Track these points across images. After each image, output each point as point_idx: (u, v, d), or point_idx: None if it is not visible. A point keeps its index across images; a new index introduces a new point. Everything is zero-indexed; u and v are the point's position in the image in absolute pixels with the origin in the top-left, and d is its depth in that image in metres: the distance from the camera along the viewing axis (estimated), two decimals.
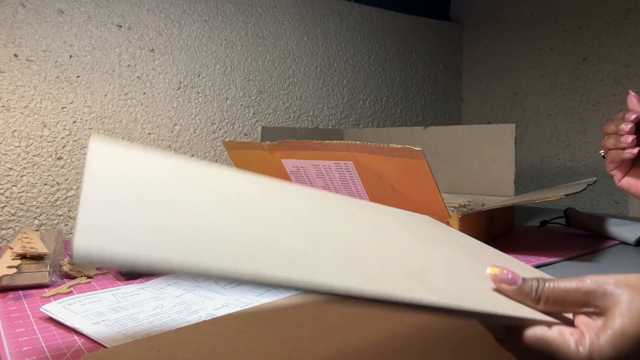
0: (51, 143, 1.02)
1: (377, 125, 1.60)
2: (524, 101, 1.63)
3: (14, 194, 0.99)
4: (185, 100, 1.20)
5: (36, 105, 1.00)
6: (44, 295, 0.63)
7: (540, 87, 1.57)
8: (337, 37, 1.48)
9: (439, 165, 1.12)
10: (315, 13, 1.42)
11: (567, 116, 1.50)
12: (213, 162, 1.24)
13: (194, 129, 1.22)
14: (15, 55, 0.98)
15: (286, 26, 1.36)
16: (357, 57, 1.53)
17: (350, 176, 0.90)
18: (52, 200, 1.03)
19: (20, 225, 0.99)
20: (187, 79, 1.20)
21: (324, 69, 1.45)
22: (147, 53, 1.14)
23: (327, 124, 1.48)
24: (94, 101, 1.07)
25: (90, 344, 0.49)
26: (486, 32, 1.73)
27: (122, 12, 1.10)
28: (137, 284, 0.68)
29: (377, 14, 1.57)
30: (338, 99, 1.49)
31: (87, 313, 0.55)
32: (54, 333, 0.52)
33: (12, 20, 0.97)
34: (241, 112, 1.30)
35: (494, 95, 1.73)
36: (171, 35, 1.17)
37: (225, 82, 1.26)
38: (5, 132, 0.97)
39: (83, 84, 1.05)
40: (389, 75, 1.62)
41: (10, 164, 0.98)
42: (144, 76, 1.13)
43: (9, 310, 0.58)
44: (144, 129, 1.14)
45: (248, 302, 0.60)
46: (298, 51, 1.39)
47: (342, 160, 0.89)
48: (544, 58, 1.55)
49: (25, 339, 0.50)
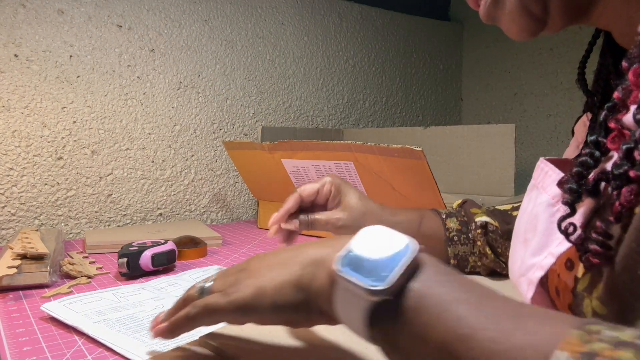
0: (51, 143, 1.02)
1: (377, 125, 1.60)
2: (524, 101, 1.63)
3: (14, 194, 0.99)
4: (186, 100, 1.20)
5: (36, 105, 1.00)
6: (44, 295, 0.63)
7: (540, 87, 1.57)
8: (337, 37, 1.48)
9: (439, 165, 1.12)
10: (315, 13, 1.42)
11: (567, 116, 1.50)
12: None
13: (194, 129, 1.22)
14: (16, 55, 0.98)
15: (286, 26, 1.36)
16: (357, 57, 1.53)
17: (350, 176, 0.90)
18: (52, 200, 1.03)
19: (20, 225, 1.00)
20: (187, 79, 1.20)
21: (324, 69, 1.45)
22: (147, 53, 1.14)
23: (327, 124, 1.48)
24: (94, 101, 1.07)
25: (90, 344, 0.49)
26: (486, 32, 1.73)
27: (122, 12, 1.10)
28: (138, 284, 0.68)
29: (377, 14, 1.57)
30: (338, 99, 1.49)
31: (88, 312, 0.55)
32: (54, 333, 0.52)
33: (12, 20, 0.97)
34: (241, 112, 1.30)
35: (494, 95, 1.73)
36: (171, 35, 1.17)
37: (226, 82, 1.26)
38: (6, 132, 0.98)
39: (83, 84, 1.05)
40: (389, 75, 1.62)
41: (10, 164, 0.98)
42: (144, 76, 1.13)
43: (9, 311, 0.58)
44: (144, 129, 1.14)
45: None
46: (298, 51, 1.39)
47: (342, 160, 0.89)
48: (544, 58, 1.55)
49: (25, 339, 0.50)
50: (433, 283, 0.28)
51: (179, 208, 1.20)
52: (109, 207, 1.10)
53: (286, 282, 0.34)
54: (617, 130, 0.30)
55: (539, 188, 0.39)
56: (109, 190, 1.10)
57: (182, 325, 0.39)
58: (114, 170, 1.10)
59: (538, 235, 0.37)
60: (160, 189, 1.17)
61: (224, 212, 1.28)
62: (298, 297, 0.33)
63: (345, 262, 0.30)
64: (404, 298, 0.28)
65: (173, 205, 1.19)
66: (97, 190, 1.08)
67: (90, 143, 1.07)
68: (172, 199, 1.19)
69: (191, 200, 1.22)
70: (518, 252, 0.41)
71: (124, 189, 1.11)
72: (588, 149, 0.33)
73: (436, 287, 0.28)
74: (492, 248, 0.66)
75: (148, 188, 1.15)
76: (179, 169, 1.20)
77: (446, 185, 1.11)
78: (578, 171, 0.33)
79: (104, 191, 1.09)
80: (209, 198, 1.25)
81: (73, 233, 1.06)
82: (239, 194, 1.30)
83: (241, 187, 1.30)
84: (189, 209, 1.22)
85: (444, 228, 0.67)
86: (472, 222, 0.67)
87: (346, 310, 0.30)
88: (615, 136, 0.31)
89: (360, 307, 0.29)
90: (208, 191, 1.25)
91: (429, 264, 0.29)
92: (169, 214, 1.19)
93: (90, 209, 1.08)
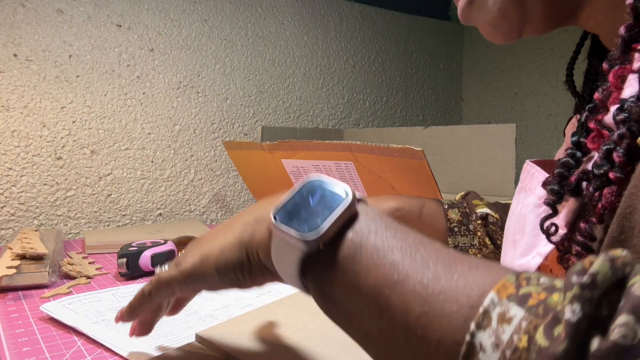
0: (50, 143, 1.02)
1: (377, 125, 1.59)
2: (524, 101, 1.63)
3: (14, 194, 0.99)
4: (185, 100, 1.20)
5: (35, 105, 1.00)
6: (43, 296, 0.63)
7: (541, 87, 1.57)
8: (337, 36, 1.47)
9: (439, 165, 1.12)
10: (315, 13, 1.42)
11: (568, 116, 1.49)
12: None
13: (193, 129, 1.21)
14: (15, 55, 0.98)
15: (286, 26, 1.36)
16: (357, 56, 1.53)
17: (351, 176, 0.90)
18: (51, 201, 1.02)
19: (19, 225, 0.99)
20: (187, 78, 1.20)
21: (324, 68, 1.45)
22: (146, 53, 1.13)
23: (327, 124, 1.47)
24: (93, 101, 1.07)
25: (89, 345, 0.49)
26: None
27: (122, 12, 1.10)
28: (137, 284, 0.68)
29: (377, 13, 1.57)
30: (338, 98, 1.49)
31: (87, 312, 0.55)
32: (53, 334, 0.51)
33: (11, 20, 0.97)
34: (241, 112, 1.29)
35: (495, 95, 1.73)
36: (171, 34, 1.17)
37: (225, 82, 1.26)
38: (5, 132, 0.97)
39: (82, 84, 1.05)
40: (389, 75, 1.62)
41: (9, 164, 0.98)
42: (143, 76, 1.13)
43: (8, 311, 0.58)
44: (144, 129, 1.14)
45: (248, 303, 0.60)
46: (298, 51, 1.39)
47: (342, 160, 0.89)
48: (544, 58, 1.55)
49: (24, 340, 0.50)
50: (368, 232, 0.28)
51: (178, 208, 1.20)
52: (108, 207, 1.10)
53: (228, 244, 0.34)
54: (597, 131, 0.31)
55: (526, 190, 0.39)
56: (109, 190, 1.10)
57: (139, 303, 0.40)
58: (113, 170, 1.10)
59: (526, 236, 0.37)
60: (160, 189, 1.17)
61: (223, 212, 1.28)
62: (240, 255, 0.33)
63: (282, 213, 0.29)
64: (338, 247, 0.28)
65: (173, 205, 1.19)
66: (96, 190, 1.08)
67: (89, 143, 1.07)
68: (172, 199, 1.19)
69: (191, 201, 1.22)
70: (508, 253, 0.41)
71: (123, 189, 1.11)
72: (570, 149, 0.34)
73: (371, 236, 0.27)
74: (492, 239, 0.66)
75: (147, 188, 1.15)
76: (179, 168, 1.19)
77: (446, 185, 1.11)
78: (560, 172, 0.33)
79: (104, 191, 1.09)
80: (209, 198, 1.25)
81: (72, 233, 1.06)
82: (238, 194, 1.30)
83: (241, 187, 1.30)
84: (189, 209, 1.21)
85: (445, 218, 0.67)
86: (473, 213, 0.67)
87: (281, 262, 0.30)
88: (595, 136, 0.31)
89: (294, 257, 0.29)
90: (208, 191, 1.24)
91: (365, 212, 0.29)
92: (168, 214, 1.18)
93: (90, 209, 1.07)
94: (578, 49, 0.44)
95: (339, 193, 0.29)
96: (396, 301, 0.25)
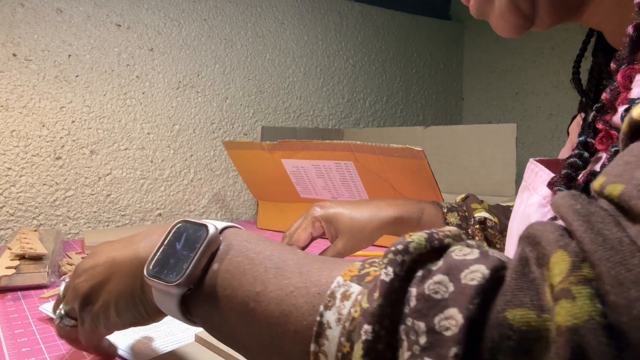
0: (50, 143, 1.02)
1: (377, 125, 1.59)
2: (525, 101, 1.63)
3: (13, 194, 0.98)
4: (185, 99, 1.20)
5: (35, 104, 1.00)
6: (42, 296, 0.63)
7: (542, 86, 1.57)
8: (337, 36, 1.47)
9: (440, 165, 1.11)
10: (315, 12, 1.42)
11: (569, 116, 1.49)
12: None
13: (193, 129, 1.21)
14: (14, 54, 0.97)
15: (286, 25, 1.36)
16: (358, 56, 1.53)
17: (351, 176, 0.90)
18: (50, 201, 1.02)
19: (19, 225, 0.99)
20: (187, 78, 1.19)
21: (324, 68, 1.45)
22: (146, 52, 1.13)
23: (327, 123, 1.47)
24: (93, 101, 1.07)
25: None
26: (487, 32, 1.73)
27: (121, 12, 1.09)
28: None
29: (377, 13, 1.56)
30: (338, 98, 1.49)
31: None
32: (52, 334, 0.51)
33: (10, 20, 0.96)
34: (241, 112, 1.29)
35: (495, 94, 1.73)
36: (170, 34, 1.16)
37: (225, 82, 1.26)
38: (4, 132, 0.97)
39: (82, 84, 1.05)
40: (389, 74, 1.61)
41: (8, 163, 0.98)
42: (143, 75, 1.13)
43: (7, 311, 0.58)
44: (143, 129, 1.14)
45: None
46: (298, 50, 1.39)
47: (342, 160, 0.89)
48: (545, 57, 1.55)
49: (24, 340, 0.50)
50: (230, 258, 0.31)
51: (178, 208, 1.19)
52: (107, 207, 1.09)
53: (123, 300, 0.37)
54: (605, 131, 0.30)
55: (530, 189, 0.39)
56: (108, 190, 1.09)
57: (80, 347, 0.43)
58: (112, 170, 1.10)
59: None
60: (160, 189, 1.16)
61: (223, 212, 1.28)
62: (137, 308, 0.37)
63: (154, 263, 0.33)
64: (207, 281, 0.31)
65: (172, 205, 1.19)
66: (95, 190, 1.08)
67: (89, 143, 1.07)
68: (172, 199, 1.18)
69: (190, 201, 1.21)
70: (511, 253, 0.41)
71: (122, 189, 1.11)
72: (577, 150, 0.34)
73: (233, 261, 0.30)
74: (490, 244, 0.66)
75: (147, 188, 1.15)
76: (178, 168, 1.19)
77: (447, 185, 1.10)
78: (567, 173, 0.33)
79: (103, 191, 1.09)
80: (209, 198, 1.24)
81: (72, 233, 1.05)
82: (238, 194, 1.30)
83: (241, 187, 1.29)
84: (189, 209, 1.21)
85: (444, 223, 0.67)
86: (472, 217, 0.67)
87: (164, 306, 0.33)
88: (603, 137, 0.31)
89: (173, 301, 0.32)
90: (207, 191, 1.24)
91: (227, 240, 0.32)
92: (168, 214, 1.18)
93: (89, 209, 1.07)
94: (584, 47, 0.44)
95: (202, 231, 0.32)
96: (259, 309, 0.27)
